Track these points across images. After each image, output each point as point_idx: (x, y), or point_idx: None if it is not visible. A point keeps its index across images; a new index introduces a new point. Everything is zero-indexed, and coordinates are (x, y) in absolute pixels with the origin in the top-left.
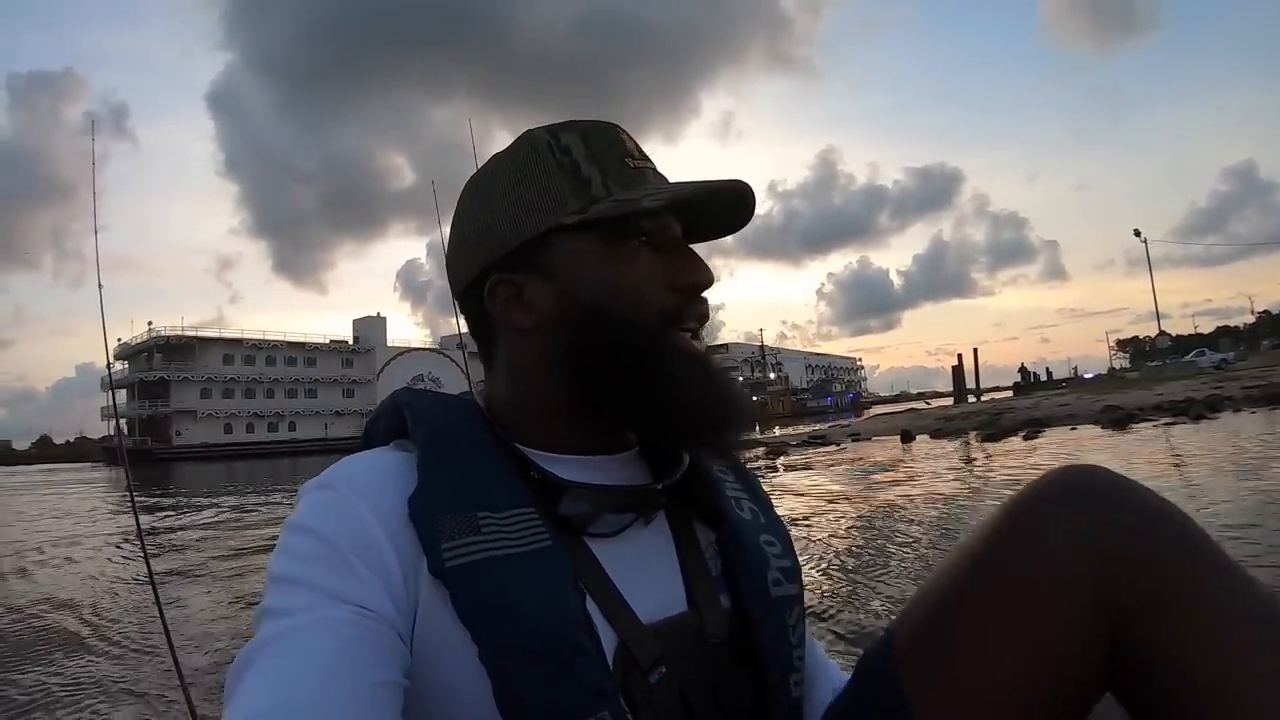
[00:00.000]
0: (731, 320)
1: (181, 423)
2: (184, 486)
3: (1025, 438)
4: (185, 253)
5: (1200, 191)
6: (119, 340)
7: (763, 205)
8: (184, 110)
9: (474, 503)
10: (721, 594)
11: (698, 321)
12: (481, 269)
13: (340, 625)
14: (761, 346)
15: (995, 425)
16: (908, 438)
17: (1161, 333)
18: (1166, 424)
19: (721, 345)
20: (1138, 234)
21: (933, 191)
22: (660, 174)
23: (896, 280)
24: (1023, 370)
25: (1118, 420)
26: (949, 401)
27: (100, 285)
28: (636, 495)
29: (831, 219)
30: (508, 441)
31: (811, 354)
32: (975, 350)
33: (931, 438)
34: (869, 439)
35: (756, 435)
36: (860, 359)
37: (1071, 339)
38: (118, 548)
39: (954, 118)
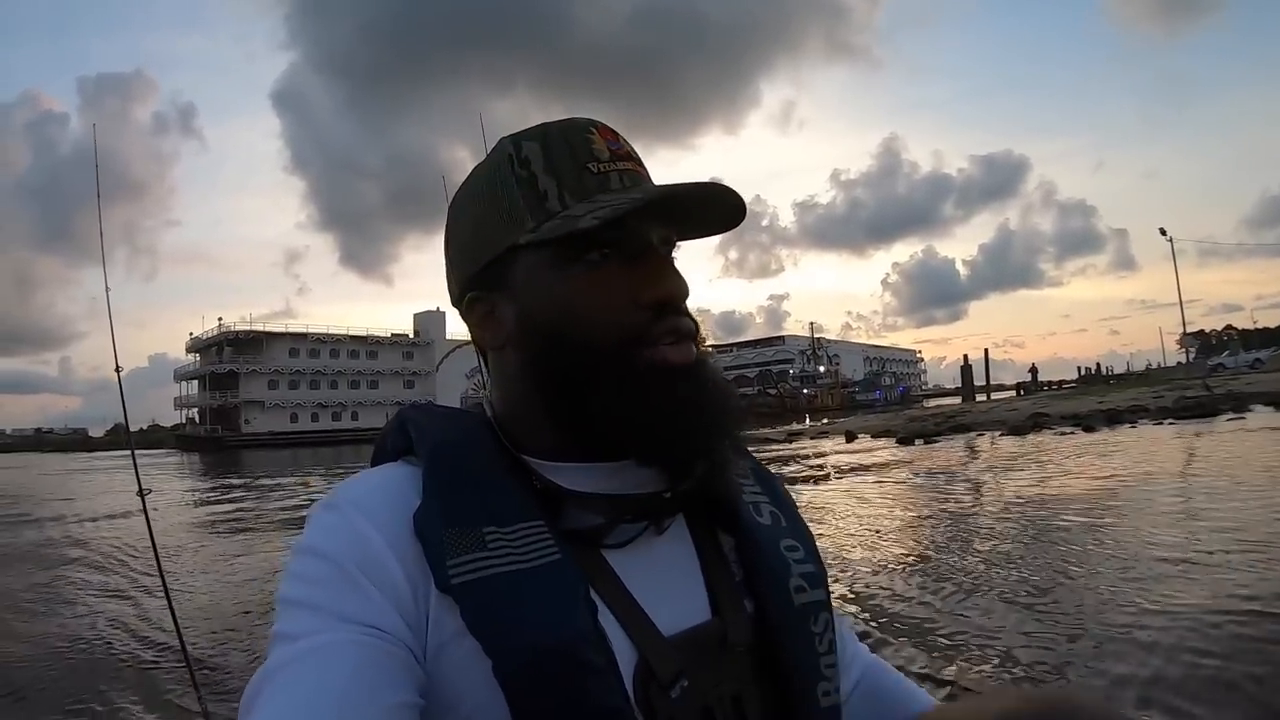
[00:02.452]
0: (796, 311)
1: (250, 412)
2: (251, 468)
3: (926, 441)
4: (254, 246)
5: (1273, 178)
6: (190, 334)
7: (826, 194)
8: (250, 109)
9: (479, 517)
10: (745, 600)
11: (673, 337)
12: (460, 287)
13: (352, 647)
14: (812, 339)
15: (914, 429)
16: (851, 437)
17: (1228, 327)
18: (1062, 433)
19: (778, 337)
20: (1163, 233)
21: (998, 180)
22: (634, 173)
23: (962, 270)
24: (1033, 371)
25: (1018, 428)
26: (1006, 395)
27: (107, 289)
28: (647, 503)
29: (896, 208)
30: (514, 452)
31: (870, 346)
32: (986, 350)
33: (872, 438)
34: (828, 436)
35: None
36: (920, 352)
37: (1142, 331)
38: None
39: (1018, 104)
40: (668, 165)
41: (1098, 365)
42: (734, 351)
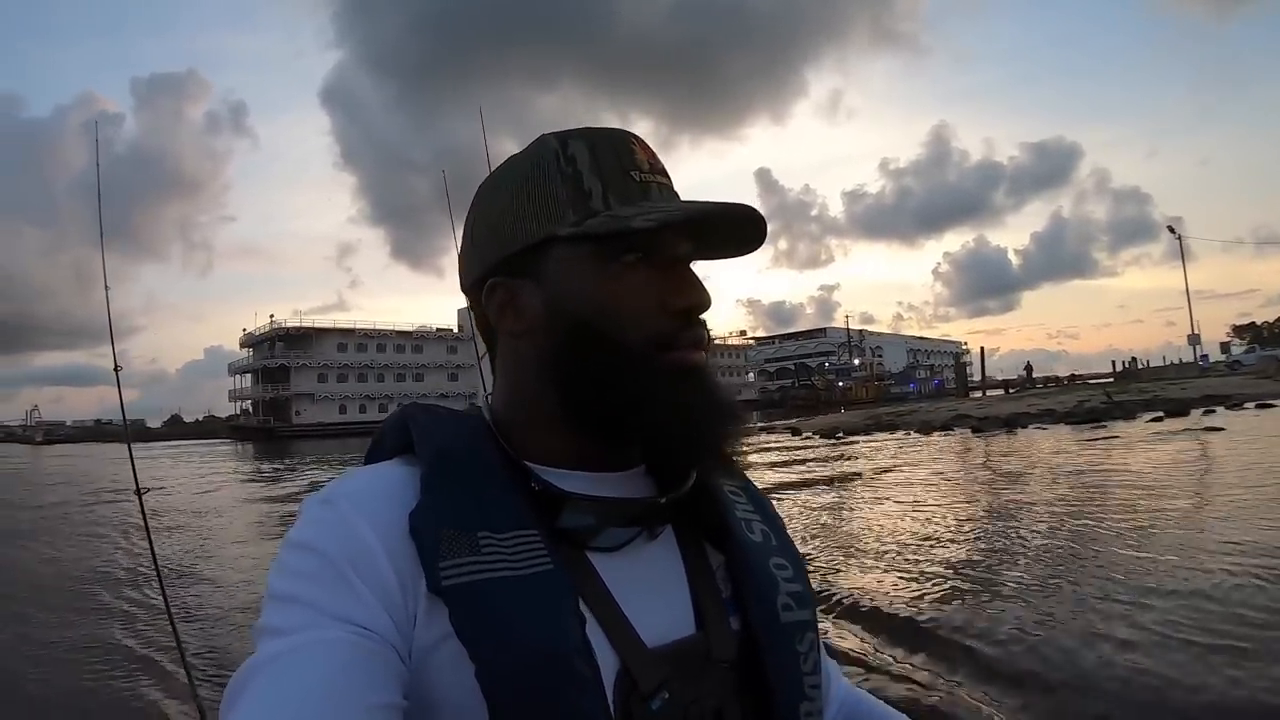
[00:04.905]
0: (846, 301)
1: (300, 404)
2: (300, 456)
3: (837, 440)
4: (307, 241)
5: None
6: (244, 330)
7: (875, 184)
8: (300, 107)
9: (475, 521)
10: (731, 616)
11: (692, 346)
12: (483, 270)
13: (338, 646)
14: (848, 331)
15: (849, 426)
16: (796, 432)
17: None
18: (949, 434)
19: (820, 329)
20: (1172, 230)
21: (1050, 167)
22: (669, 189)
23: (1014, 260)
24: (1027, 368)
25: (927, 428)
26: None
27: (107, 287)
28: (640, 508)
29: (946, 197)
30: (512, 456)
31: (915, 338)
32: (982, 349)
33: (819, 435)
34: (809, 433)
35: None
36: (965, 344)
37: (1202, 321)
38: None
39: (1068, 90)
40: (715, 157)
41: (1133, 360)
42: (776, 343)
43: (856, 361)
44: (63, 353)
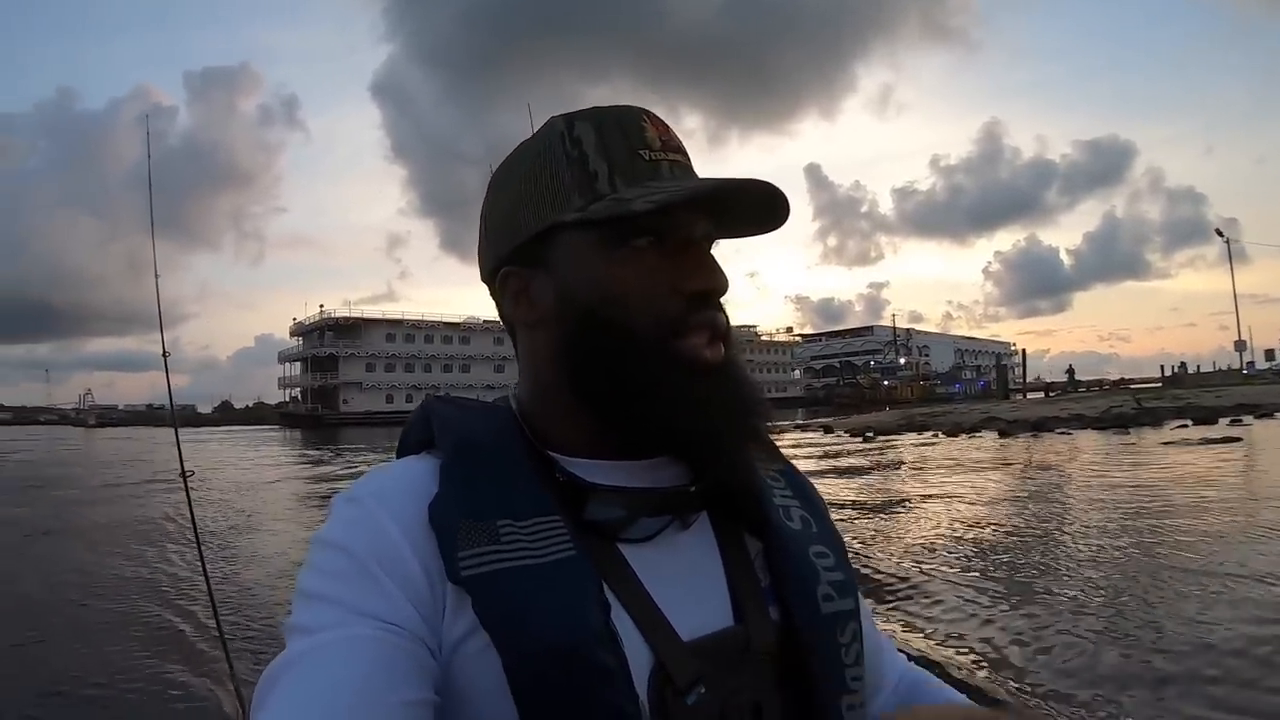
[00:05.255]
0: (895, 299)
1: (348, 393)
2: (347, 442)
3: (865, 439)
4: (357, 232)
5: None
6: (294, 319)
7: (925, 181)
8: (351, 100)
9: (495, 509)
10: (770, 606)
11: (708, 330)
12: (497, 260)
13: (367, 643)
14: (893, 330)
15: (880, 425)
16: (829, 430)
17: None
18: (974, 436)
19: (867, 328)
20: (1220, 234)
21: (1103, 166)
22: (684, 166)
23: (1066, 260)
24: (1069, 371)
25: (954, 430)
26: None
27: (156, 275)
28: (669, 498)
29: (997, 195)
30: (536, 446)
31: (962, 338)
32: (1024, 351)
33: (849, 434)
34: (841, 431)
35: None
36: (1014, 345)
37: (1256, 326)
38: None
39: (1122, 86)
40: (765, 151)
41: (1182, 365)
42: (823, 340)
43: (902, 360)
44: (116, 339)
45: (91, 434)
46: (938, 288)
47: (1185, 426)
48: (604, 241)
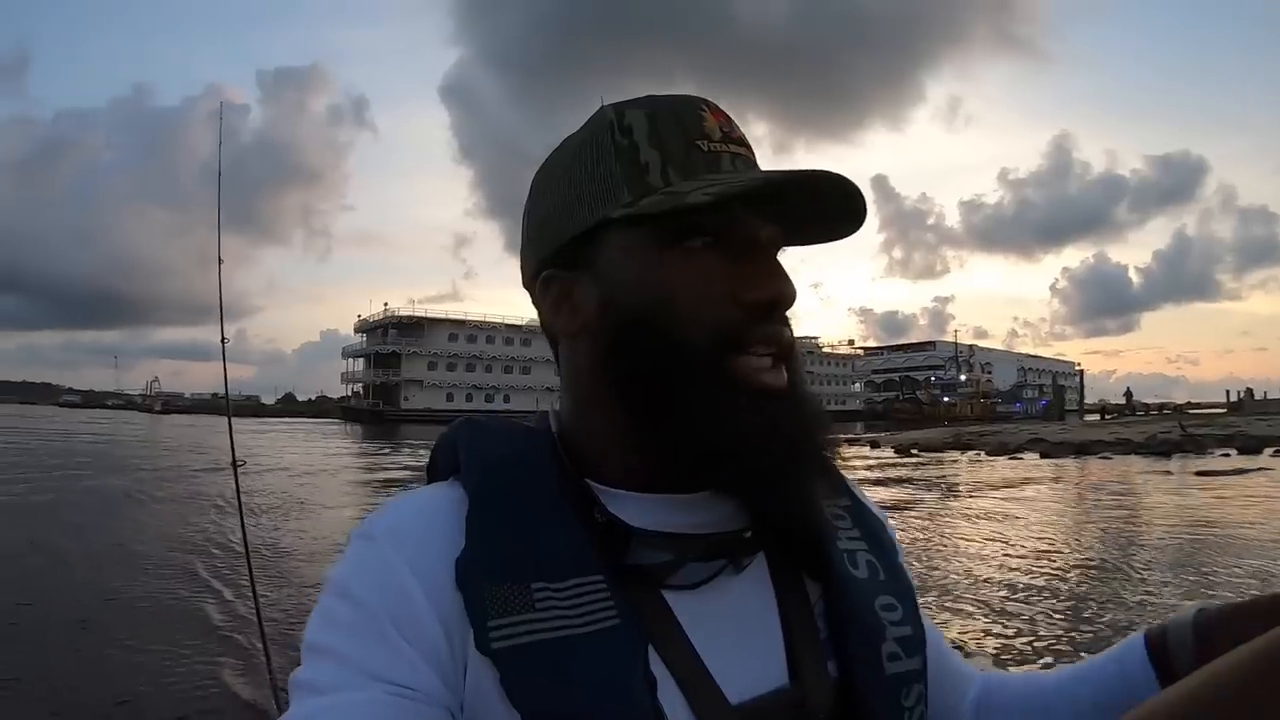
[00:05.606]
0: (960, 314)
1: (410, 390)
2: (405, 438)
3: (911, 453)
4: (423, 231)
5: None
6: (359, 316)
7: (993, 194)
8: (420, 100)
9: (528, 569)
10: (829, 662)
11: (769, 346)
12: (538, 263)
13: (375, 707)
14: (955, 346)
15: (926, 443)
16: (875, 445)
17: None
18: (1015, 459)
19: (930, 342)
20: None
21: (1174, 182)
22: (748, 160)
23: (1135, 279)
24: (1127, 394)
25: (997, 450)
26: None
27: (220, 260)
28: (722, 543)
29: (1066, 210)
30: (574, 476)
31: (1026, 356)
32: (1081, 372)
33: (895, 450)
34: (888, 447)
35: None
36: (1078, 365)
37: None
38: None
39: (1195, 100)
40: (831, 161)
41: (1248, 390)
42: (885, 354)
43: (963, 377)
44: (184, 328)
45: (157, 420)
46: (1003, 304)
47: (1228, 455)
48: (655, 241)
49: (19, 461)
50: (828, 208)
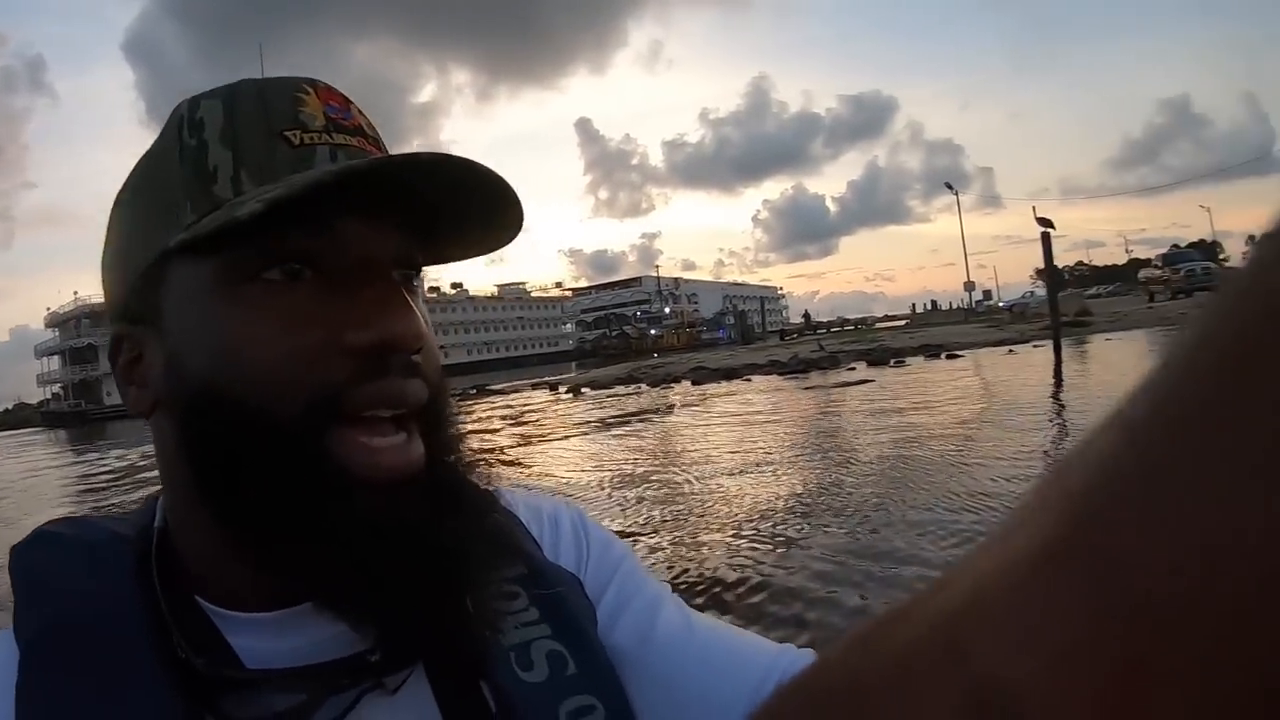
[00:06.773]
0: (669, 249)
1: (111, 385)
2: (114, 437)
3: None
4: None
5: (1134, 124)
6: (48, 309)
7: (695, 133)
8: (102, 60)
9: None
10: None
11: (391, 406)
12: (110, 316)
13: None
14: (658, 280)
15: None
16: (553, 388)
17: (1079, 263)
18: (670, 389)
19: (635, 279)
20: (950, 187)
21: (867, 119)
22: (358, 150)
23: (832, 207)
24: (805, 316)
25: (666, 378)
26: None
27: None
28: (355, 666)
29: (765, 147)
30: (167, 610)
31: (730, 284)
32: (762, 300)
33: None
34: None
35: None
36: (782, 289)
37: (1010, 265)
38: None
39: (887, 46)
40: (535, 107)
41: (933, 303)
42: (593, 294)
43: (669, 309)
44: None
45: None
46: (710, 236)
47: (853, 369)
48: (222, 276)
49: None
50: (467, 208)
